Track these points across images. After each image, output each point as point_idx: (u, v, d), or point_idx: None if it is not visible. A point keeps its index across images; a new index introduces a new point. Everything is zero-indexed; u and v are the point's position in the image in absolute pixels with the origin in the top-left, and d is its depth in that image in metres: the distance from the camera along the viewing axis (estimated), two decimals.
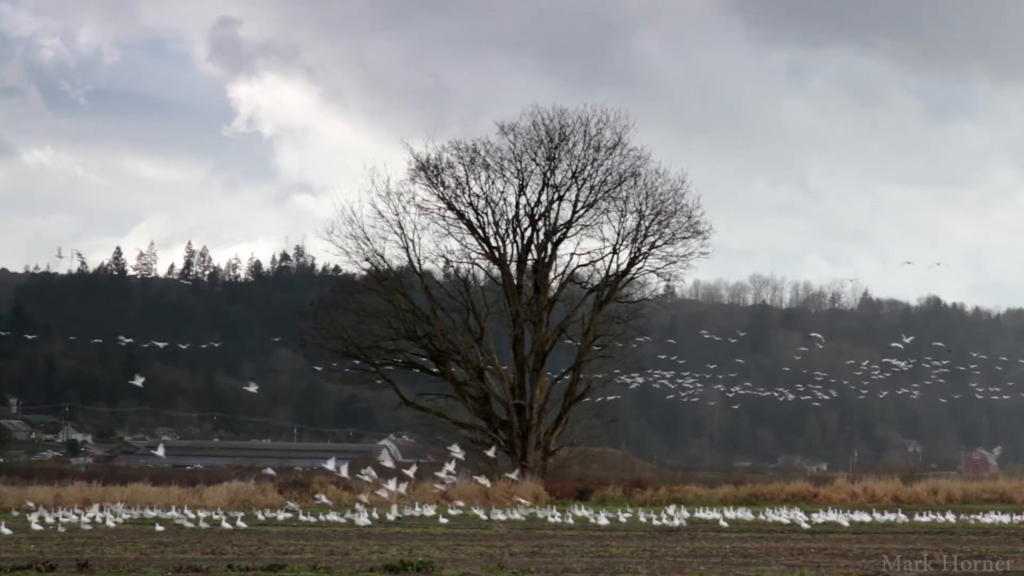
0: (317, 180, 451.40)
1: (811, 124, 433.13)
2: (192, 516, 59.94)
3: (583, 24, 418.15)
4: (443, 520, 61.76)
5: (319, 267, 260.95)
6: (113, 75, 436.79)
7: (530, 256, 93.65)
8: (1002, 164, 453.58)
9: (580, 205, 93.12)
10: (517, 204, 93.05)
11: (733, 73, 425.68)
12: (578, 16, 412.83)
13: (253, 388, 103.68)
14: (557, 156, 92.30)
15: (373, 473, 71.81)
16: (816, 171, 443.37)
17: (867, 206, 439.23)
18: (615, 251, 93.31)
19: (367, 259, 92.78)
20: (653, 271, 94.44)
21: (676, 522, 60.62)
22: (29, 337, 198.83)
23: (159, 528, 53.48)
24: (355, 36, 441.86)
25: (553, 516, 64.59)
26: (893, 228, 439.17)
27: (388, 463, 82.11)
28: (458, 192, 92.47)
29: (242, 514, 61.12)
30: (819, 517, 62.79)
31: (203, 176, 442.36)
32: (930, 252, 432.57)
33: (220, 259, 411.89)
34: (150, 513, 65.17)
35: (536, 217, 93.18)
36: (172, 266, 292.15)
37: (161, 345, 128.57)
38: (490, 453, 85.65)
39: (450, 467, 75.51)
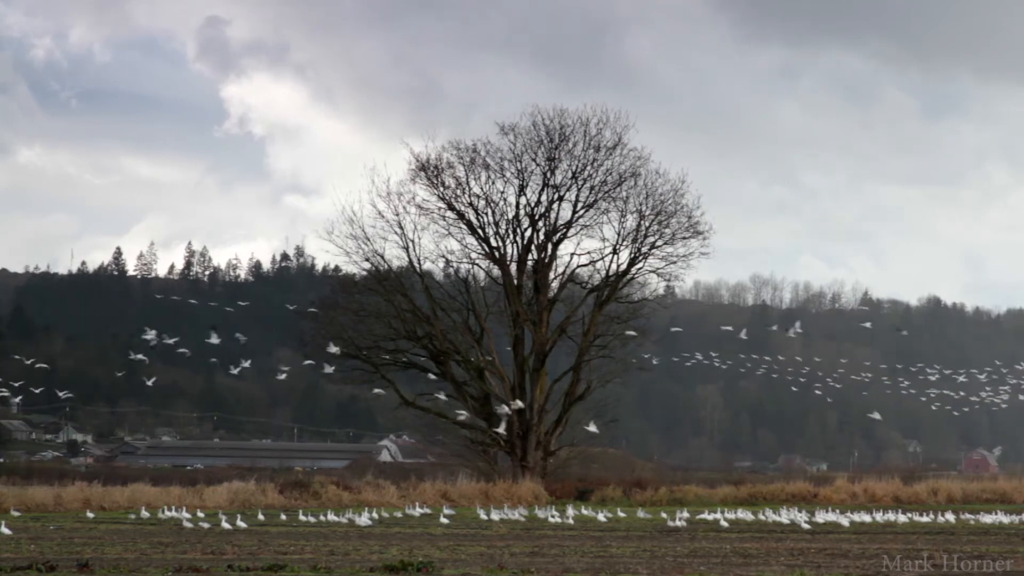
0: (310, 180, 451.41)
1: (804, 123, 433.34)
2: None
3: (574, 24, 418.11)
4: (443, 520, 61.73)
5: (319, 267, 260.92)
6: (105, 75, 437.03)
7: (530, 256, 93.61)
8: (997, 164, 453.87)
9: (580, 205, 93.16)
10: (517, 204, 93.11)
11: (726, 73, 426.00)
12: (569, 16, 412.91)
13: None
14: (557, 156, 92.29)
15: None
16: (810, 171, 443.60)
17: (862, 206, 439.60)
18: (615, 251, 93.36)
19: (367, 259, 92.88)
20: (653, 271, 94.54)
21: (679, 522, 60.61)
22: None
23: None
24: (344, 35, 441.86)
25: (553, 516, 64.55)
26: (889, 228, 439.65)
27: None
28: (458, 192, 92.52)
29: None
30: (819, 517, 62.78)
31: (198, 176, 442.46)
32: (927, 252, 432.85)
33: (220, 259, 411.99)
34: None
35: (536, 217, 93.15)
36: (172, 266, 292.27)
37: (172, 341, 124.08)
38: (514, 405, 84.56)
39: None
